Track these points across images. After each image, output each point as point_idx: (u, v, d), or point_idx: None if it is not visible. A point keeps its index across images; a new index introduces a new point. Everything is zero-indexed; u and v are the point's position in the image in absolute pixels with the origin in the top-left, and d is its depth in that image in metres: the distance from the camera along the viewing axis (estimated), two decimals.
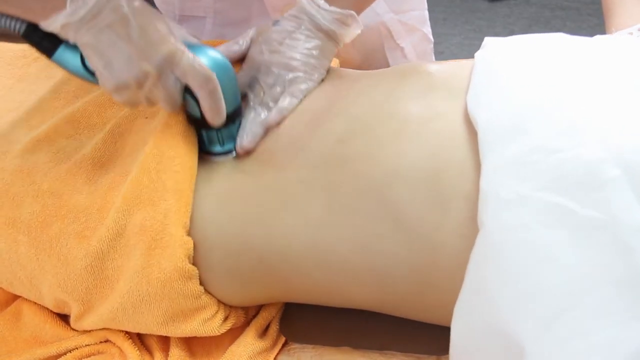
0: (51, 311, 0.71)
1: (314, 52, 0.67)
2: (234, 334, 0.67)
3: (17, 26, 0.59)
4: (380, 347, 0.65)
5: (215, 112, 0.61)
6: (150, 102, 0.61)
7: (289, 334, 0.68)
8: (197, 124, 0.64)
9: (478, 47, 0.66)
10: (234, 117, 0.64)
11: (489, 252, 0.51)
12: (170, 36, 0.58)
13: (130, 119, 0.69)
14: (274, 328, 0.69)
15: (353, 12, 0.68)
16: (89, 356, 0.68)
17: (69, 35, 0.57)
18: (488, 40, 0.67)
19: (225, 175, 0.63)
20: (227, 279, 0.63)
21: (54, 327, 0.70)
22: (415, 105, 0.61)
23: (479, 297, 0.51)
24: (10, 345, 0.70)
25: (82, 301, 0.64)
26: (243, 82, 0.67)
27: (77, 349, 0.68)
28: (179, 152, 0.63)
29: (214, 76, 0.59)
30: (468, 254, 0.52)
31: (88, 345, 0.69)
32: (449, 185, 0.56)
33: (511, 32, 2.49)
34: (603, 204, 0.48)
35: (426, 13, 1.02)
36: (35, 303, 0.71)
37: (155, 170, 0.62)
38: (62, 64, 0.61)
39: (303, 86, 0.66)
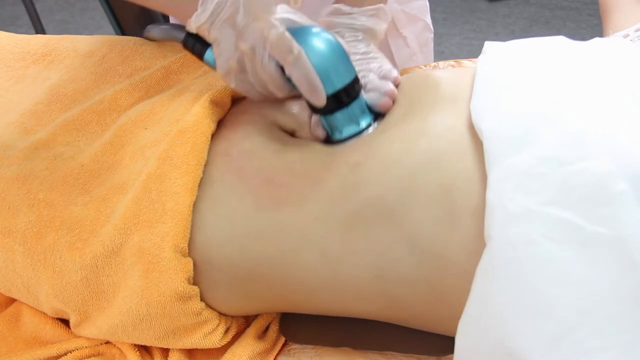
0: None
1: (369, 48, 0.70)
2: (234, 334, 0.67)
3: (178, 36, 0.67)
4: (381, 348, 0.65)
5: (307, 87, 0.59)
6: (263, 87, 0.62)
7: (289, 335, 0.68)
8: (315, 111, 0.62)
9: (478, 47, 0.66)
10: (348, 97, 0.61)
11: (495, 267, 0.50)
12: (266, 14, 0.59)
13: (129, 129, 0.68)
14: (274, 329, 0.69)
15: (382, 5, 0.71)
16: (89, 357, 0.68)
17: (207, 35, 0.62)
18: (488, 46, 0.66)
19: (239, 209, 0.61)
20: (231, 296, 0.63)
21: (54, 328, 0.70)
22: (423, 121, 0.60)
23: (485, 312, 0.50)
24: (10, 346, 0.70)
25: (78, 311, 0.64)
26: None
27: (77, 350, 0.68)
28: (182, 172, 0.61)
29: (298, 48, 0.58)
30: (475, 269, 0.52)
31: (88, 346, 0.68)
32: (457, 200, 0.55)
33: (511, 32, 2.50)
34: (610, 219, 0.48)
35: (427, 2, 1.02)
36: None
37: (157, 191, 0.61)
38: (209, 64, 0.65)
39: (387, 66, 0.69)
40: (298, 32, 0.60)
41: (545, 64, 0.62)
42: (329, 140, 0.64)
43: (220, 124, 0.66)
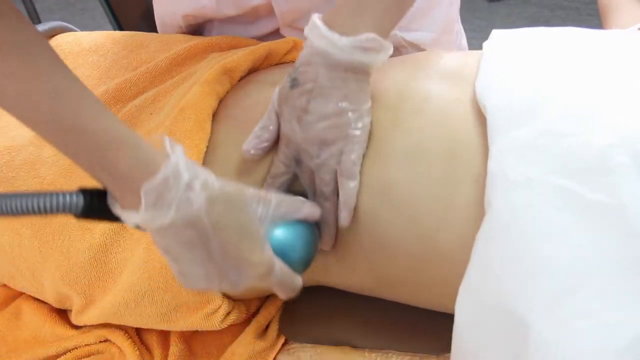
0: (51, 311, 0.71)
1: (345, 105, 0.57)
2: (234, 333, 0.67)
3: (73, 205, 0.47)
4: (380, 347, 0.65)
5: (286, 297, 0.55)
6: None
7: (289, 333, 0.68)
8: None
9: (478, 47, 0.66)
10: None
11: (496, 232, 0.51)
12: (256, 253, 0.51)
13: (134, 115, 0.69)
14: (274, 327, 0.69)
15: (373, 35, 0.56)
16: (89, 356, 0.68)
17: (149, 231, 0.50)
18: (495, 32, 0.67)
19: (245, 161, 0.63)
20: None
21: (53, 327, 0.70)
22: (432, 88, 0.62)
23: (486, 276, 0.51)
24: (10, 345, 0.70)
25: (84, 294, 0.64)
26: (288, 164, 0.60)
27: (76, 348, 0.68)
28: (185, 147, 0.62)
29: (300, 284, 0.54)
30: (471, 236, 0.53)
31: (87, 344, 0.69)
32: (461, 166, 0.56)
33: None
34: (610, 188, 0.49)
35: (434, 36, 0.89)
36: (35, 302, 0.72)
37: None
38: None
39: (353, 156, 0.57)
40: (274, 233, 0.54)
41: (551, 45, 0.63)
42: None
43: (223, 100, 0.68)
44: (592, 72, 0.58)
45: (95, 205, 0.48)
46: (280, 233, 0.54)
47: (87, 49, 0.79)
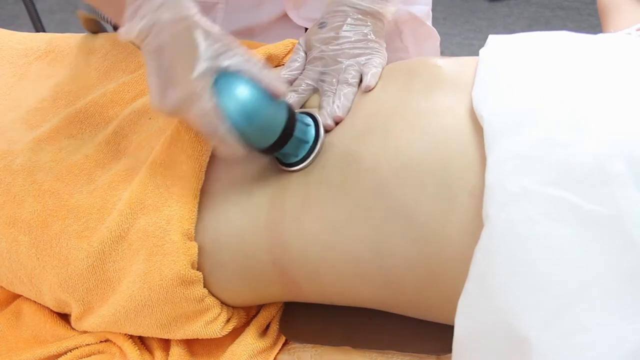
0: (51, 311, 0.71)
1: (370, 36, 0.70)
2: (234, 333, 0.67)
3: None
4: (381, 347, 0.65)
5: (229, 154, 0.58)
6: None
7: (289, 334, 0.68)
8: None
9: (478, 47, 0.66)
10: (278, 146, 0.60)
11: (494, 245, 0.51)
12: (192, 73, 0.55)
13: (133, 120, 0.69)
14: (274, 328, 0.69)
15: None
16: (89, 355, 0.68)
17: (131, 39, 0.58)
18: (492, 38, 0.67)
19: (247, 176, 0.63)
20: (235, 280, 0.63)
21: (54, 327, 0.70)
22: (424, 100, 0.62)
23: (484, 290, 0.51)
24: (10, 345, 0.70)
25: (82, 301, 0.64)
26: (312, 77, 0.68)
27: (77, 348, 0.68)
28: (186, 157, 0.62)
29: (222, 129, 0.56)
30: (473, 249, 0.52)
31: (88, 344, 0.69)
32: (456, 179, 0.56)
33: (511, 32, 2.48)
34: (608, 199, 0.48)
35: (428, 8, 1.00)
36: (36, 302, 0.72)
37: (162, 175, 0.62)
38: None
39: (378, 60, 0.68)
40: (225, 82, 0.56)
41: (548, 53, 0.62)
42: (284, 164, 0.63)
43: None
44: (588, 79, 0.57)
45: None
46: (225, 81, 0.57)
47: (86, 51, 0.79)
